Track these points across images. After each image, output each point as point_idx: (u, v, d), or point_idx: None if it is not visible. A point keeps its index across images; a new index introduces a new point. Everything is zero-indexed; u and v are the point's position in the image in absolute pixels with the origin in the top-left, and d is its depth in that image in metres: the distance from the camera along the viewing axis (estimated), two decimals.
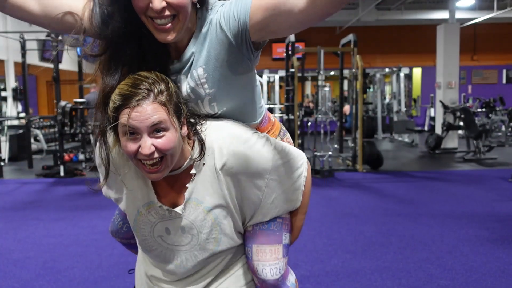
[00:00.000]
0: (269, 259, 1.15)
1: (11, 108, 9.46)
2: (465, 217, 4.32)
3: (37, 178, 6.90)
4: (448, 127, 8.95)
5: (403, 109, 11.41)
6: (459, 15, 10.95)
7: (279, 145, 1.14)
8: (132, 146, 0.99)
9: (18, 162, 8.60)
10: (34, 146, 9.18)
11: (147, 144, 0.98)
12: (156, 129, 0.99)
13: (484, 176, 6.55)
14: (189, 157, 1.09)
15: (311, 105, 13.00)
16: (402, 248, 3.47)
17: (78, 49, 7.51)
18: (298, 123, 6.98)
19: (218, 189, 1.10)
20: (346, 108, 9.58)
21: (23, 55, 8.39)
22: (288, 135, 1.34)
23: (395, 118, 11.04)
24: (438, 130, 9.56)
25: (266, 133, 1.22)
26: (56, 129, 7.68)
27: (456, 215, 4.41)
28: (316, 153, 6.92)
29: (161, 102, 0.99)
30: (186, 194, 1.11)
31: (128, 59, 1.05)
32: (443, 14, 12.58)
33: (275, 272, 1.16)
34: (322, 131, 7.23)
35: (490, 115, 9.28)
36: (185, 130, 1.05)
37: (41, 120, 10.64)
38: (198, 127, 1.09)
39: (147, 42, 1.04)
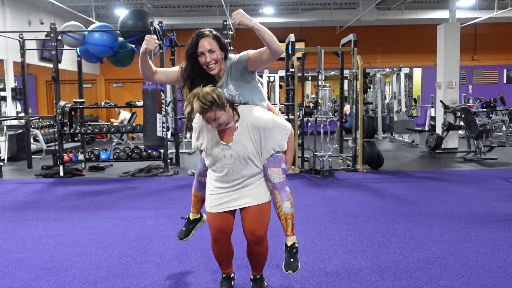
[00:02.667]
0: (275, 173, 2.35)
1: (10, 108, 9.45)
2: (465, 217, 4.31)
3: (36, 178, 6.90)
4: (449, 127, 8.93)
5: (404, 109, 11.40)
6: (459, 14, 10.93)
7: (277, 117, 2.39)
8: (210, 123, 2.24)
9: (17, 162, 8.59)
10: (33, 146, 9.18)
11: (214, 123, 2.23)
12: (214, 119, 2.21)
13: (485, 176, 6.54)
14: (234, 120, 2.31)
15: (311, 105, 12.99)
16: (402, 248, 3.47)
17: (77, 49, 7.53)
18: (298, 123, 6.98)
19: (248, 135, 2.31)
20: (346, 108, 9.58)
21: (23, 55, 8.39)
22: (281, 117, 2.54)
23: (396, 118, 11.03)
24: (439, 130, 9.55)
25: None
26: (55, 129, 7.67)
27: (456, 215, 4.41)
28: (316, 153, 6.91)
29: (214, 110, 2.19)
30: (233, 137, 2.32)
31: (198, 83, 2.32)
32: (443, 14, 12.57)
33: (279, 179, 2.36)
34: (322, 131, 7.22)
35: (490, 115, 9.27)
36: (228, 109, 2.26)
37: (41, 120, 10.64)
38: (236, 106, 2.34)
39: (206, 76, 2.35)
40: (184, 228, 2.84)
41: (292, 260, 2.35)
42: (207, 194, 2.50)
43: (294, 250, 2.37)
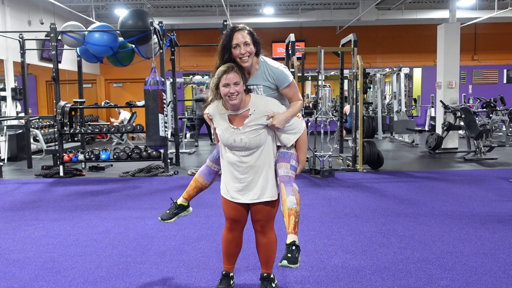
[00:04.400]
0: (283, 167, 2.40)
1: (10, 108, 9.45)
2: (465, 217, 4.31)
3: (36, 178, 6.90)
4: (449, 127, 8.94)
5: (404, 109, 11.40)
6: (459, 14, 10.93)
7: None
8: (226, 90, 2.29)
9: (17, 162, 8.60)
10: (33, 146, 9.18)
11: (232, 88, 2.28)
12: (235, 83, 2.28)
13: (485, 176, 6.54)
14: (246, 106, 2.37)
15: (311, 105, 12.98)
16: (402, 248, 3.47)
17: (77, 49, 7.53)
18: None
19: (261, 122, 2.36)
20: (346, 108, 9.58)
21: (23, 55, 8.38)
22: (303, 121, 2.57)
23: (396, 118, 11.04)
24: (439, 130, 9.56)
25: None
26: (55, 129, 7.67)
27: (456, 215, 4.41)
28: (316, 153, 6.91)
29: (237, 73, 2.31)
30: (246, 121, 2.36)
31: None
32: (443, 14, 12.57)
33: (285, 173, 2.37)
34: (322, 131, 7.22)
35: (490, 115, 9.28)
36: (244, 87, 2.34)
37: (41, 120, 10.65)
38: (250, 92, 2.42)
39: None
40: (168, 211, 2.79)
41: (289, 255, 2.16)
42: (221, 181, 2.55)
43: (293, 248, 2.18)
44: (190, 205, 2.84)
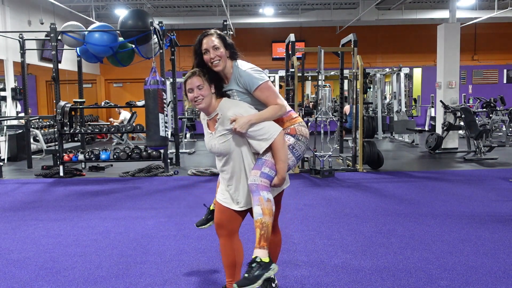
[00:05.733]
0: (253, 175, 2.26)
1: (10, 108, 9.45)
2: (465, 217, 4.31)
3: (36, 178, 6.90)
4: (449, 127, 8.94)
5: (404, 109, 11.40)
6: (459, 14, 10.93)
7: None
8: (191, 95, 2.29)
9: (17, 162, 8.60)
10: (33, 146, 9.18)
11: (196, 92, 2.28)
12: (198, 87, 2.27)
13: (485, 176, 6.54)
14: (216, 111, 2.32)
15: (311, 105, 12.99)
16: (402, 248, 3.47)
17: (77, 49, 7.53)
18: None
19: (226, 126, 2.28)
20: (346, 108, 9.58)
21: (23, 55, 8.38)
22: (301, 127, 2.43)
23: (396, 118, 11.03)
24: (439, 130, 9.55)
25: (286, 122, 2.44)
26: (55, 129, 7.67)
27: (456, 215, 4.41)
28: (316, 153, 6.91)
29: (200, 76, 2.29)
30: (215, 125, 2.32)
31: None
32: (443, 14, 12.58)
33: (253, 180, 2.24)
34: (322, 131, 7.22)
35: (490, 115, 9.28)
36: (212, 90, 2.31)
37: (41, 120, 10.65)
38: (228, 97, 2.37)
39: (213, 77, 2.35)
40: (204, 217, 2.82)
41: (246, 275, 2.04)
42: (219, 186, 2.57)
43: (253, 265, 2.06)
44: None
